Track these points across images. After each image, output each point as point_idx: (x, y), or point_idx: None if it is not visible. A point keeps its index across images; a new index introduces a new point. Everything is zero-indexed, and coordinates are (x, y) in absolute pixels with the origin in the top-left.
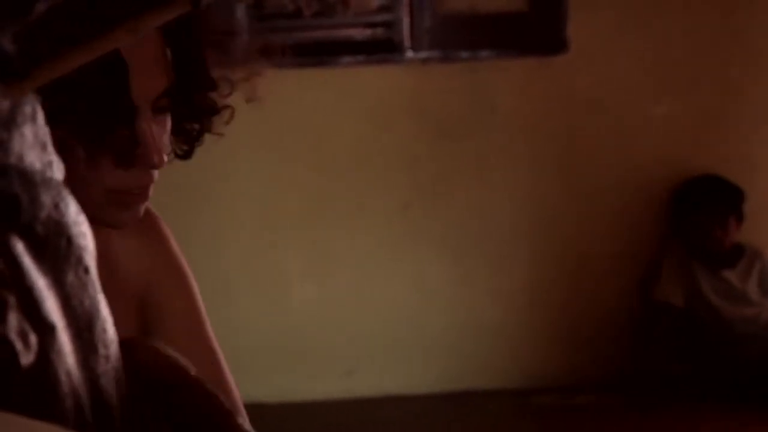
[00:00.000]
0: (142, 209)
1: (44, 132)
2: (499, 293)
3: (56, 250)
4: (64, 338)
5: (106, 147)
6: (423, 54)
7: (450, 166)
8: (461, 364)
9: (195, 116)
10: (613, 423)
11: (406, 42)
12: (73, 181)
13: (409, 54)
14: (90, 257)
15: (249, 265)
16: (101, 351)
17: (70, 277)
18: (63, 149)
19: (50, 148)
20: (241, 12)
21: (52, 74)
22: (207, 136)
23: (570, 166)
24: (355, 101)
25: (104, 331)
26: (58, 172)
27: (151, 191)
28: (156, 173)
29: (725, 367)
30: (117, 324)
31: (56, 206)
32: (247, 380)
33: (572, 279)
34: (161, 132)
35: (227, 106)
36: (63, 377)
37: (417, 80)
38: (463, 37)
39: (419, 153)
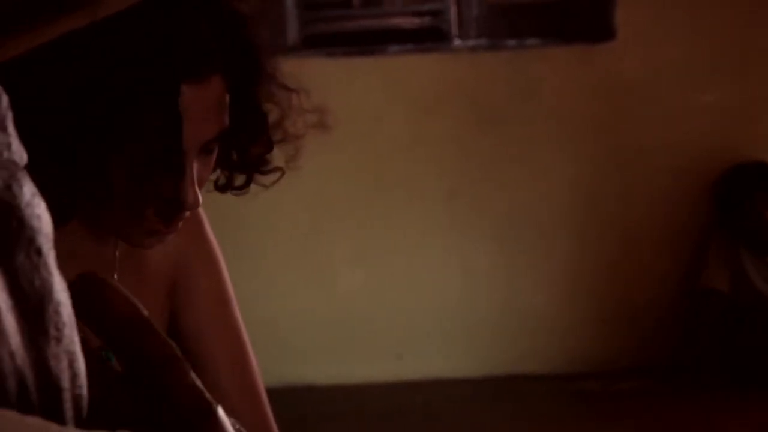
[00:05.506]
0: (168, 238)
1: (4, 114)
2: (544, 279)
3: (5, 231)
4: (8, 318)
5: (149, 196)
6: (470, 42)
7: (496, 154)
8: (506, 349)
9: (242, 166)
10: (656, 408)
11: (454, 31)
12: (116, 199)
13: (457, 42)
14: (44, 239)
15: (299, 251)
16: (52, 332)
17: (20, 258)
18: (105, 186)
19: (11, 130)
20: (290, 2)
21: (7, 54)
22: None
23: (616, 153)
24: (403, 89)
25: (57, 313)
26: (16, 154)
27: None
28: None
29: None
30: (147, 304)
31: (8, 187)
32: (298, 363)
33: (617, 265)
34: (204, 171)
35: (278, 168)
36: (5, 357)
37: (464, 68)
38: (510, 26)
39: (466, 140)
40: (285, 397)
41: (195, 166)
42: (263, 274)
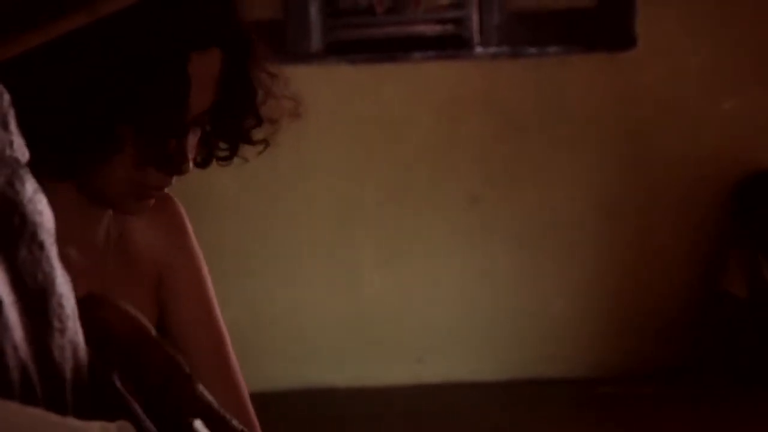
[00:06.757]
0: (152, 201)
1: (6, 112)
2: (566, 284)
3: (8, 227)
4: (11, 313)
5: (154, 153)
6: (492, 50)
7: (518, 160)
8: (527, 353)
9: (227, 137)
10: (677, 412)
11: (476, 38)
12: (107, 167)
13: (478, 50)
14: (46, 234)
15: (322, 254)
16: (55, 325)
17: (23, 253)
18: (113, 140)
19: (12, 128)
20: (315, 9)
21: (10, 53)
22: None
23: (637, 160)
24: (426, 96)
25: (60, 305)
26: (19, 151)
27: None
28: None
29: None
30: (135, 305)
31: (10, 184)
32: (319, 366)
33: (637, 270)
34: (194, 141)
35: (264, 140)
36: (9, 351)
37: (486, 76)
38: (531, 33)
39: (488, 147)
40: (306, 399)
41: (190, 137)
42: (287, 277)
